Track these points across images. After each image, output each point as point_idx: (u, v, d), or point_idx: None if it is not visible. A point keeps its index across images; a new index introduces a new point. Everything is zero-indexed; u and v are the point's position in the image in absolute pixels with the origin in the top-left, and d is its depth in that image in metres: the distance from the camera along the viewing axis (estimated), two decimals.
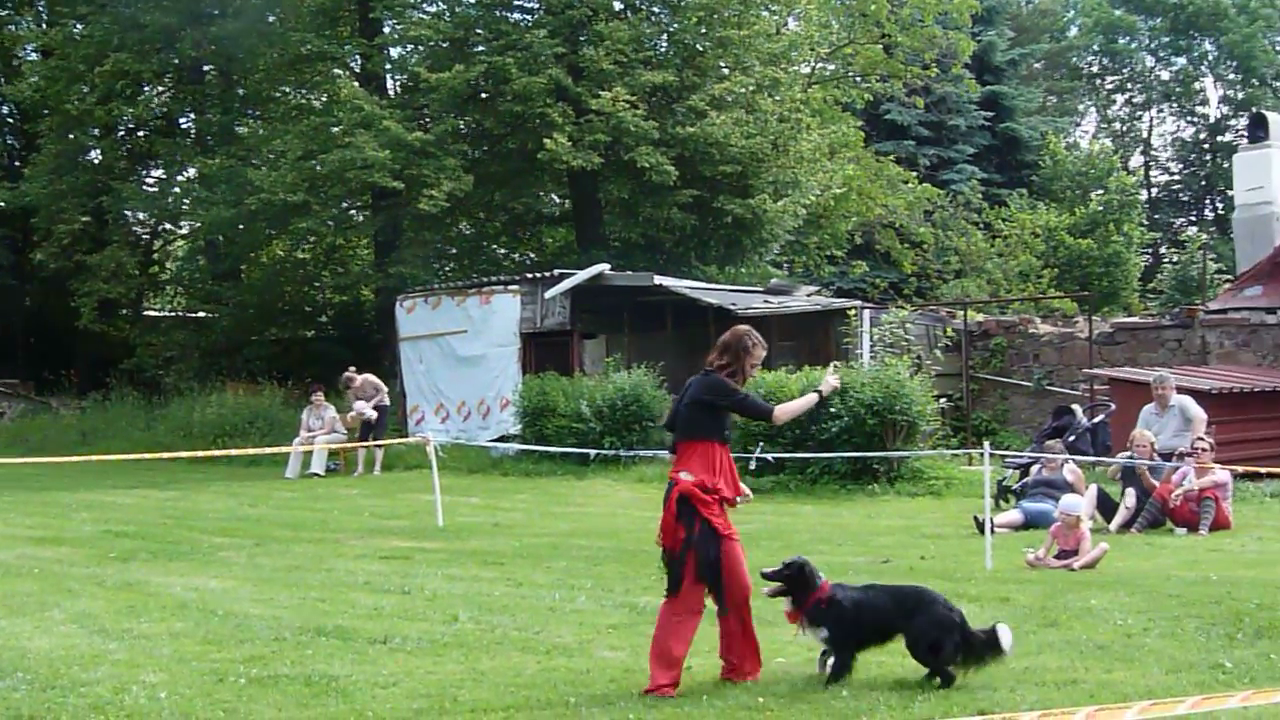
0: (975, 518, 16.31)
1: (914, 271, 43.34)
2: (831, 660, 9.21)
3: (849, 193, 38.64)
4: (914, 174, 43.75)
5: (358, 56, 37.80)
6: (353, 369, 28.26)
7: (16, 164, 44.60)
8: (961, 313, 30.49)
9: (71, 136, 40.49)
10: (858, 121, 42.04)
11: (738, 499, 9.43)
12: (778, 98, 34.57)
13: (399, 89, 38.60)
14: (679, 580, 9.11)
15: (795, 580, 9.37)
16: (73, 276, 39.45)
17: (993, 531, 14.86)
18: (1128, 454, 17.72)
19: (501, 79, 31.66)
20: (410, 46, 36.55)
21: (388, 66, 38.39)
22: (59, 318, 42.61)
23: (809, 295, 31.37)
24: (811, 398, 10.10)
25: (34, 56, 44.12)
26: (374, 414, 27.35)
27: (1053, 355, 29.21)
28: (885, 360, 23.60)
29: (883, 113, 46.81)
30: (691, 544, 9.08)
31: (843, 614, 9.24)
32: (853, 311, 27.20)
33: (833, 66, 43.48)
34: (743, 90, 33.75)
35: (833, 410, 21.20)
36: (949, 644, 9.00)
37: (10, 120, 47.65)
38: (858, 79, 42.81)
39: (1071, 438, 21.42)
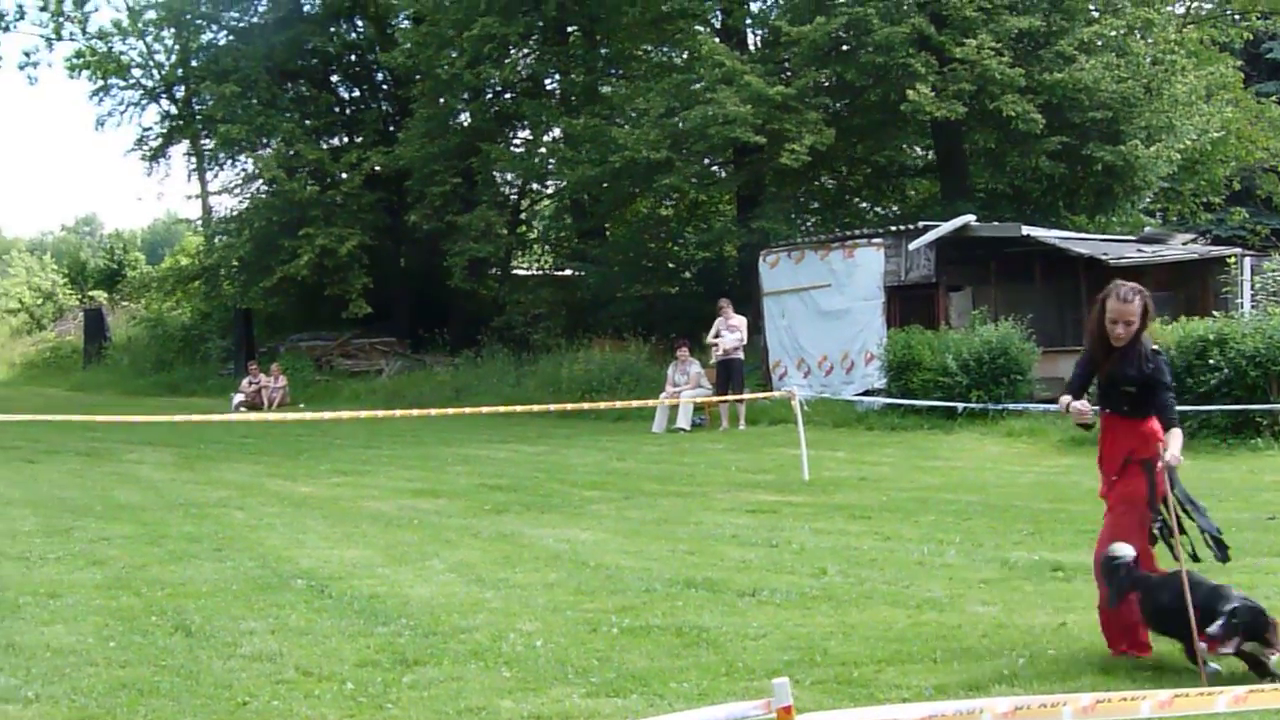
0: None
1: None
2: None
3: (1227, 136, 37.05)
4: None
5: (719, 12, 37.97)
6: (728, 302, 28.19)
7: (391, 129, 46.15)
8: None
9: (442, 101, 41.75)
10: (1236, 62, 40.22)
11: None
12: (1150, 39, 33.44)
13: (760, 43, 38.61)
14: None
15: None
16: (444, 237, 40.71)
17: None
18: None
19: (863, 30, 31.32)
20: (771, 0, 36.48)
21: (748, 21, 38.46)
22: (432, 278, 44.04)
23: (1185, 244, 30.28)
24: (1061, 402, 9.24)
25: (406, 24, 45.52)
26: (735, 340, 27.24)
27: None
28: (1268, 310, 22.57)
29: (1264, 51, 44.67)
30: None
31: None
32: (1232, 259, 26.15)
33: (1210, 4, 41.81)
34: (1113, 33, 32.67)
35: (1211, 362, 20.39)
36: None
37: (385, 87, 49.36)
38: (1236, 17, 41.02)
39: None
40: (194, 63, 48.69)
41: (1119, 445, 8.86)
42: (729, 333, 27.30)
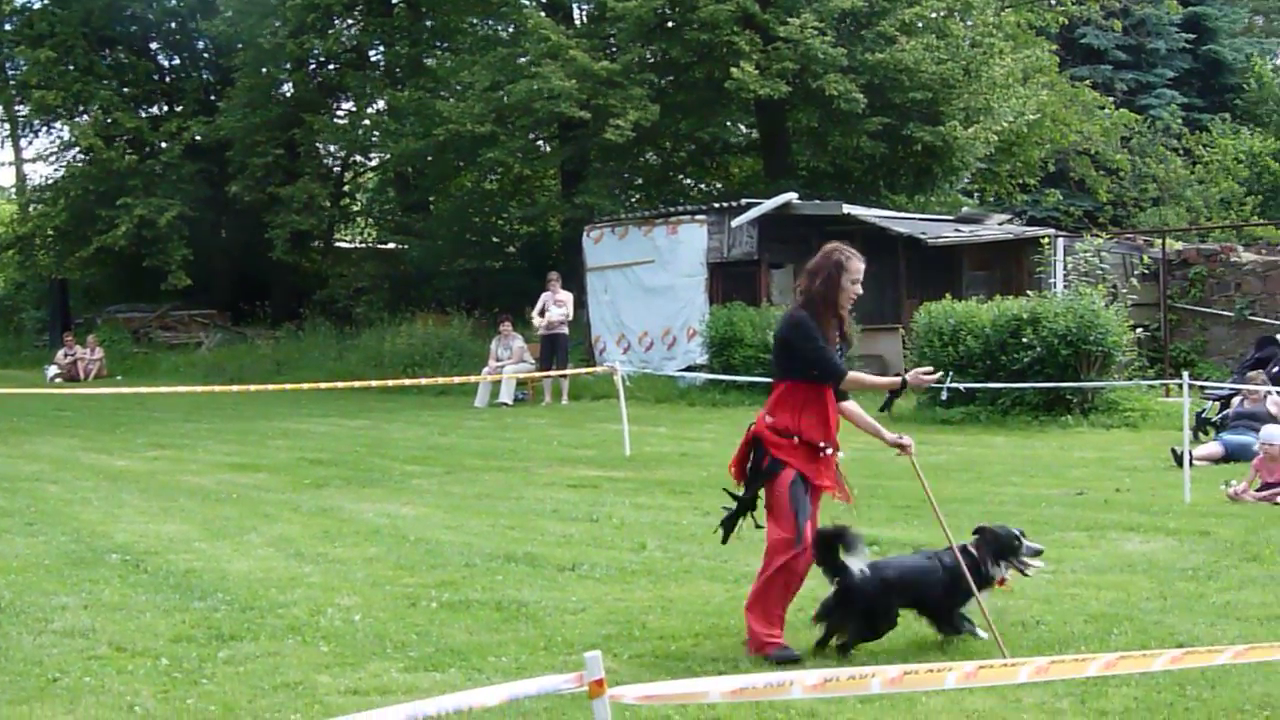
0: (1173, 450, 15.91)
1: (1110, 200, 42.33)
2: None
3: (1042, 119, 37.77)
4: (1110, 99, 42.67)
5: None
6: (558, 276, 28.19)
7: (213, 98, 45.43)
8: (1159, 241, 29.75)
9: (264, 70, 41.25)
10: (1052, 46, 40.95)
11: (837, 452, 8.65)
12: (969, 22, 34.00)
13: (585, 18, 38.61)
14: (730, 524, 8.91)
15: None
16: (266, 209, 40.20)
17: (1191, 464, 14.48)
18: None
19: (688, 7, 31.47)
20: None
21: None
22: (254, 250, 43.43)
23: (1001, 224, 30.87)
24: (893, 381, 8.86)
25: None
26: (561, 315, 27.26)
27: (1256, 284, 28.38)
28: (1079, 290, 23.09)
29: (1078, 36, 45.57)
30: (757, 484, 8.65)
31: None
32: (1046, 240, 26.70)
33: None
34: (933, 15, 33.15)
35: (1025, 340, 20.84)
36: None
37: (206, 55, 48.50)
38: (1052, 1, 41.83)
39: (1275, 369, 20.82)
40: (7, 26, 47.38)
41: (834, 422, 8.68)
42: (555, 307, 27.30)
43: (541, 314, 27.35)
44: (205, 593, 10.00)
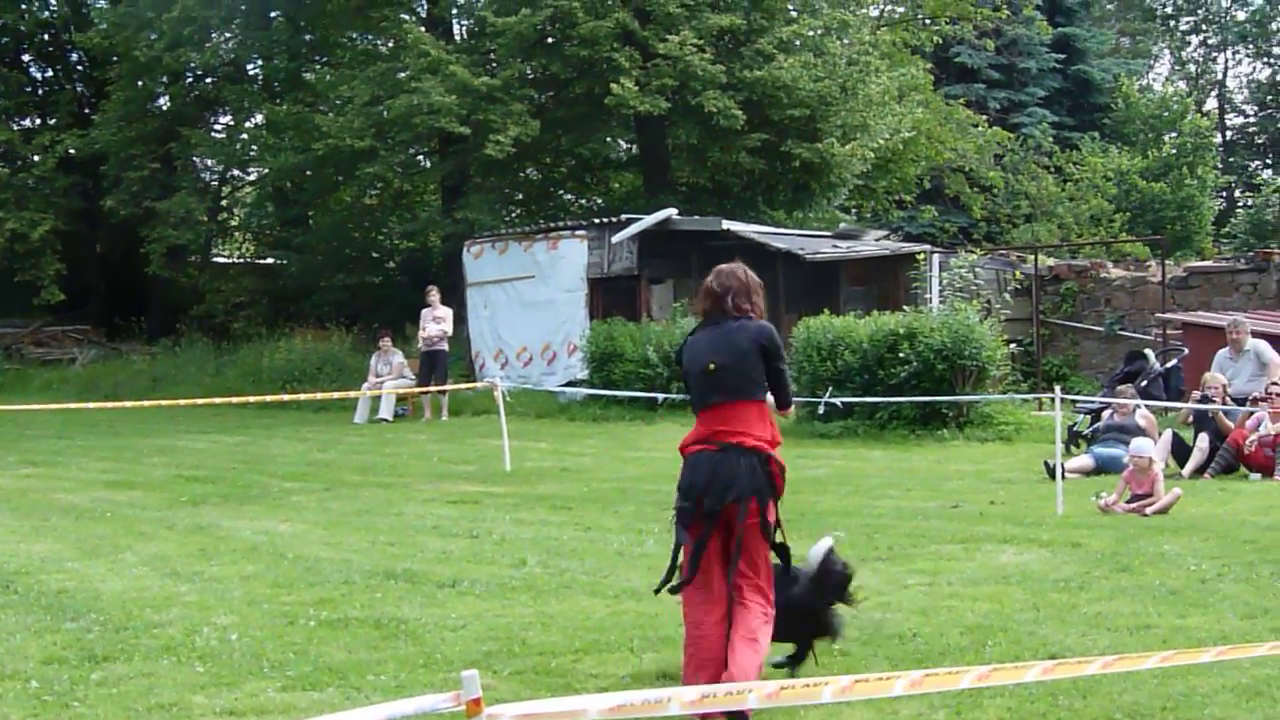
0: (1046, 463, 16.15)
1: (984, 216, 42.92)
2: None
3: (918, 137, 38.24)
4: (984, 117, 43.25)
5: (424, 1, 37.78)
6: (435, 291, 28.09)
7: (87, 111, 44.84)
8: (1032, 257, 30.21)
9: (140, 84, 40.79)
10: (927, 64, 41.50)
11: None
12: (846, 40, 34.29)
13: (466, 34, 38.55)
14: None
15: None
16: (142, 223, 39.73)
17: (1063, 477, 14.72)
18: (1201, 397, 17.54)
19: (568, 23, 31.50)
20: None
21: (454, 11, 38.34)
22: (129, 264, 42.96)
23: (878, 240, 31.21)
24: None
25: (103, 3, 44.25)
26: (433, 329, 27.22)
27: (1125, 300, 28.93)
28: (954, 305, 23.40)
29: (952, 55, 46.21)
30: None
31: None
32: (921, 256, 27.05)
33: (902, 9, 43.13)
34: (811, 33, 33.41)
35: (901, 355, 21.07)
36: None
37: (80, 68, 47.84)
38: (927, 21, 42.34)
39: (1144, 383, 21.24)
40: None
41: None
42: (434, 324, 27.25)
43: (423, 331, 27.34)
44: (78, 613, 9.85)
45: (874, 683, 5.46)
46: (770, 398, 7.82)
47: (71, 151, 41.75)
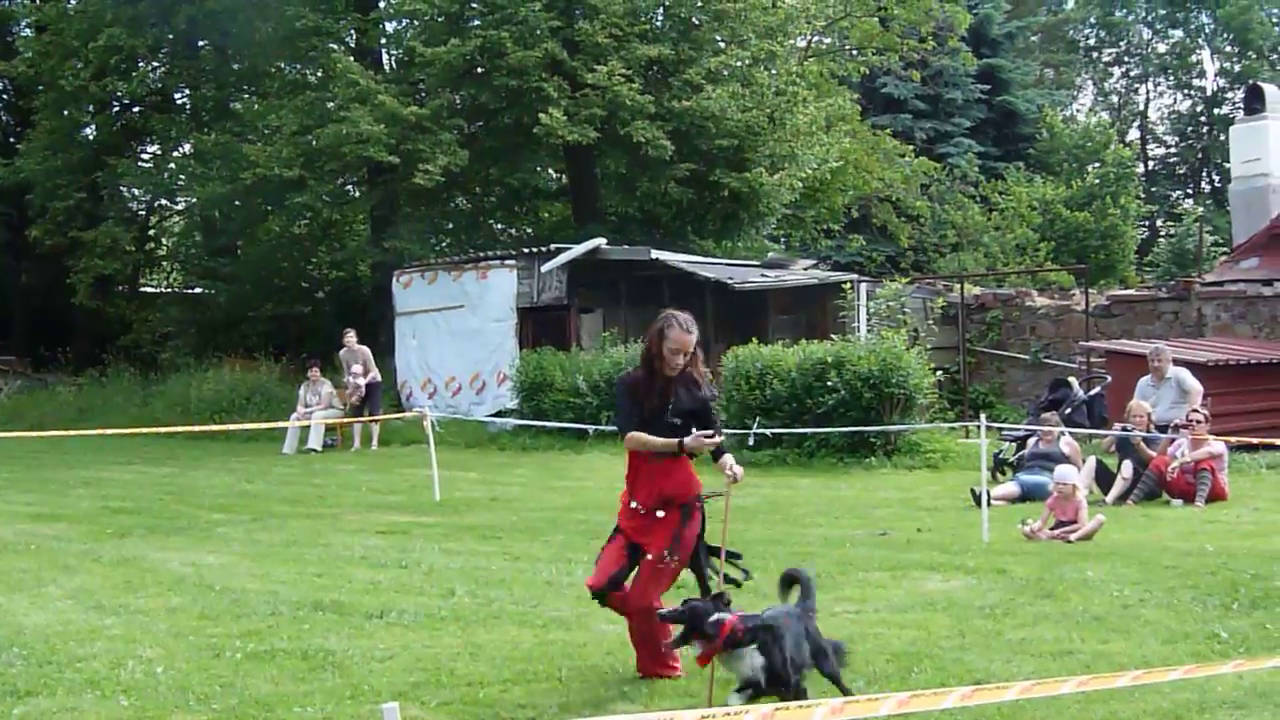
0: (972, 490, 16.28)
1: (910, 245, 43.29)
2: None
3: (845, 166, 38.53)
4: (910, 147, 43.67)
5: (353, 31, 37.71)
6: (352, 333, 28.19)
7: (11, 140, 44.50)
8: (958, 286, 30.47)
9: (66, 113, 40.47)
10: (854, 95, 41.89)
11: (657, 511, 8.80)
12: (774, 71, 34.51)
13: (394, 64, 38.53)
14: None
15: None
16: (68, 253, 39.46)
17: (989, 504, 14.82)
18: (1124, 426, 17.73)
19: (497, 53, 31.52)
20: (405, 21, 36.47)
21: (383, 41, 38.31)
22: (55, 295, 42.57)
23: (805, 269, 31.37)
24: (669, 443, 8.57)
25: (28, 32, 43.99)
26: (362, 381, 27.36)
27: (1049, 328, 29.24)
28: (881, 333, 23.57)
29: (879, 86, 46.64)
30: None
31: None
32: (849, 285, 27.21)
33: (829, 40, 43.41)
34: (739, 64, 33.61)
35: (829, 384, 21.20)
36: None
37: (4, 97, 47.54)
38: (854, 52, 42.72)
39: (1068, 410, 21.46)
40: None
41: (657, 483, 8.75)
42: (356, 364, 27.38)
43: (351, 375, 27.40)
44: (0, 648, 9.77)
45: (795, 711, 5.50)
46: None
47: None
